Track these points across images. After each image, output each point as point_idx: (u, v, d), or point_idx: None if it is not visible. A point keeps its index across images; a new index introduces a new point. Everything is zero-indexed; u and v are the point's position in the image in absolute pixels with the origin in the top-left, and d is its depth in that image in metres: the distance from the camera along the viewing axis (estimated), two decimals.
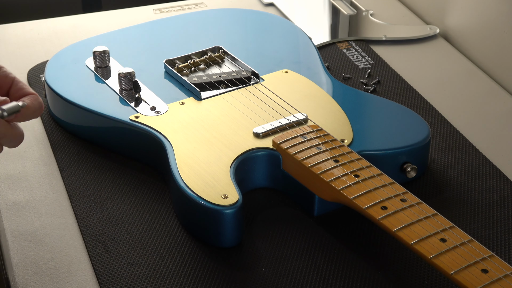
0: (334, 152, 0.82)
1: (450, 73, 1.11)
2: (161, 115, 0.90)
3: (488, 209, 0.85)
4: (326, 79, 0.99)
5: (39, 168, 0.91)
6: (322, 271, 0.76)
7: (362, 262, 0.77)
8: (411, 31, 1.20)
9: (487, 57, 1.13)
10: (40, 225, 0.83)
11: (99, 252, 0.79)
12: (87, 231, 0.82)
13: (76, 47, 1.05)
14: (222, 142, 0.86)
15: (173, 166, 0.82)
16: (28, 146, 0.94)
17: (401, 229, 0.72)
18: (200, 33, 1.09)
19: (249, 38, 1.09)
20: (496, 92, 1.07)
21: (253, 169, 0.85)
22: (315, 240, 0.80)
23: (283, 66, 1.00)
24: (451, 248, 0.69)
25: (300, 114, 0.89)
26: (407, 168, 0.86)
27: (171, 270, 0.76)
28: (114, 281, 0.75)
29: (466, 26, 1.17)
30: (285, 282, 0.75)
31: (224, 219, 0.77)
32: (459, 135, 0.96)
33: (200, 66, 1.00)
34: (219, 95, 0.94)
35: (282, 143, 0.84)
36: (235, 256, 0.78)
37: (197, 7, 1.28)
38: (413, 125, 0.90)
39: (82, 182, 0.88)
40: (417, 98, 1.03)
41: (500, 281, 0.66)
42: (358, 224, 0.82)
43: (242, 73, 0.98)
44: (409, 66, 1.12)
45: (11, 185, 0.88)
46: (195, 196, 0.78)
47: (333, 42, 1.17)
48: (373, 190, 0.77)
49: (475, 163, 0.91)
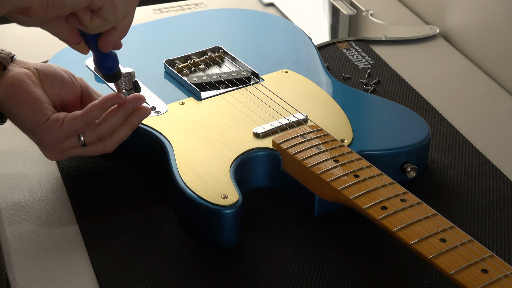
0: (334, 152, 0.82)
1: (450, 73, 1.11)
2: (161, 115, 0.90)
3: (488, 209, 0.85)
4: (326, 79, 0.99)
5: (39, 168, 0.91)
6: (322, 271, 0.76)
7: (362, 262, 0.77)
8: (411, 31, 1.20)
9: (487, 57, 1.13)
10: (40, 225, 0.83)
11: (99, 252, 0.79)
12: (87, 231, 0.82)
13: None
14: (222, 142, 0.86)
15: (173, 166, 0.82)
16: (28, 146, 0.94)
17: (401, 229, 0.72)
18: (200, 33, 1.09)
19: (249, 38, 1.09)
20: (496, 92, 1.07)
21: (253, 169, 0.85)
22: (315, 240, 0.80)
23: (283, 66, 1.00)
24: (451, 248, 0.69)
25: (300, 114, 0.89)
26: (407, 168, 0.86)
27: (171, 270, 0.76)
28: (114, 281, 0.75)
29: (466, 26, 1.17)
30: (285, 282, 0.75)
31: (224, 219, 0.77)
32: (459, 135, 0.96)
33: (200, 66, 1.00)
34: (219, 95, 0.94)
35: (282, 143, 0.84)
36: (235, 256, 0.78)
37: (197, 7, 1.28)
38: (413, 125, 0.90)
39: (82, 182, 0.88)
40: (417, 98, 1.03)
41: (500, 281, 0.66)
42: (358, 224, 0.82)
43: (242, 73, 0.98)
44: (409, 66, 1.12)
45: (11, 185, 0.88)
46: (195, 196, 0.78)
47: (333, 42, 1.17)
48: (373, 190, 0.77)
49: (475, 163, 0.91)
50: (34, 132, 0.79)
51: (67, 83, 0.82)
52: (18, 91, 0.78)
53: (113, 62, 0.77)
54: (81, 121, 0.78)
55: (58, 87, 0.82)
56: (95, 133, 0.79)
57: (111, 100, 0.79)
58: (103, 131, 0.79)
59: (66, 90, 0.82)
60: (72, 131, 0.78)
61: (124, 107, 0.79)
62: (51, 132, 0.77)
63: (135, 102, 0.80)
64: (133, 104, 0.80)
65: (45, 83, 0.81)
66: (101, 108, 0.78)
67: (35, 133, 0.79)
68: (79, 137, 0.79)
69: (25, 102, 0.78)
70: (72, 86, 0.83)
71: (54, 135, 0.77)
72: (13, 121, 0.80)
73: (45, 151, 0.81)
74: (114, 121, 0.79)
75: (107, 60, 0.76)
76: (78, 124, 0.78)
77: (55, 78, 0.82)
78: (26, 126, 0.78)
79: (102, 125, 0.79)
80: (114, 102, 0.79)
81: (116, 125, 0.79)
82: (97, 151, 0.81)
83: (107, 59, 0.76)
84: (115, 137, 0.80)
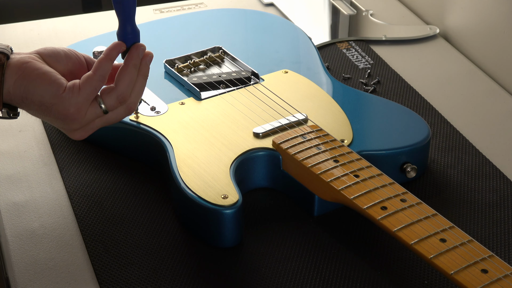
0: (334, 152, 0.82)
1: (450, 73, 1.11)
2: (161, 115, 0.90)
3: (488, 209, 0.85)
4: (326, 79, 0.99)
5: (39, 168, 0.91)
6: (322, 271, 0.76)
7: (362, 262, 0.77)
8: (411, 31, 1.20)
9: (487, 57, 1.13)
10: (40, 225, 0.83)
11: (99, 252, 0.79)
12: (87, 231, 0.82)
13: (76, 47, 1.05)
14: (222, 142, 0.86)
15: (173, 166, 0.82)
16: (28, 146, 0.94)
17: (401, 229, 0.72)
18: (200, 33, 1.09)
19: (249, 38, 1.09)
20: (496, 92, 1.07)
21: (253, 169, 0.85)
22: (315, 240, 0.80)
23: (283, 66, 1.00)
24: (451, 248, 0.69)
25: (300, 114, 0.89)
26: (407, 168, 0.86)
27: (171, 270, 0.76)
28: (114, 281, 0.75)
29: (466, 26, 1.17)
30: (285, 282, 0.75)
31: (224, 219, 0.77)
32: (459, 135, 0.96)
33: (200, 66, 1.00)
34: (219, 95, 0.94)
35: (282, 143, 0.84)
36: (235, 256, 0.78)
37: (197, 7, 1.28)
38: (413, 125, 0.90)
39: (82, 182, 0.88)
40: (417, 98, 1.03)
41: (500, 281, 0.66)
42: (358, 224, 0.82)
43: (242, 73, 0.98)
44: (409, 66, 1.12)
45: (11, 185, 0.89)
46: (195, 196, 0.78)
47: (333, 42, 1.17)
48: (373, 190, 0.77)
49: (475, 163, 0.91)
50: (56, 106, 0.77)
51: (71, 56, 0.82)
52: (28, 71, 0.77)
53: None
54: (95, 78, 0.77)
55: (64, 61, 0.81)
56: (114, 95, 0.78)
57: (114, 49, 0.79)
58: (121, 91, 0.78)
59: (72, 62, 0.82)
60: (91, 91, 0.77)
61: (131, 60, 0.79)
62: (72, 100, 0.76)
63: (138, 51, 0.80)
64: (137, 53, 0.80)
65: (50, 61, 0.80)
66: (108, 59, 0.78)
67: (58, 106, 0.77)
68: (100, 105, 0.78)
69: (39, 78, 0.77)
70: (76, 57, 0.82)
71: (76, 102, 0.77)
72: (30, 105, 0.78)
73: (70, 125, 0.79)
74: (128, 77, 0.79)
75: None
76: (94, 82, 0.77)
77: (58, 54, 0.81)
78: (46, 101, 0.77)
79: (119, 85, 0.78)
80: (118, 50, 0.79)
81: (131, 82, 0.79)
82: (121, 115, 0.80)
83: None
84: (133, 93, 0.80)
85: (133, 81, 0.79)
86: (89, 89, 0.77)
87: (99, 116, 0.79)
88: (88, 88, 0.77)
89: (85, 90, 0.77)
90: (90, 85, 0.77)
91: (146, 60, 0.80)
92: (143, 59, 0.80)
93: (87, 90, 0.77)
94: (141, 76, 0.80)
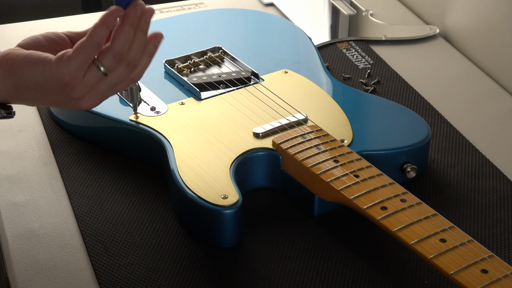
0: (334, 152, 0.82)
1: (450, 73, 1.11)
2: (161, 115, 0.90)
3: (488, 209, 0.85)
4: (326, 79, 0.99)
5: (39, 168, 0.91)
6: (322, 271, 0.76)
7: (362, 262, 0.77)
8: (411, 31, 1.20)
9: (487, 57, 1.13)
10: (40, 225, 0.83)
11: (99, 252, 0.79)
12: (87, 231, 0.82)
13: None
14: (222, 142, 0.86)
15: (173, 167, 0.82)
16: (28, 146, 0.94)
17: (401, 229, 0.72)
18: (200, 33, 1.09)
19: (249, 38, 1.09)
20: (496, 92, 1.07)
21: (253, 170, 0.85)
22: (315, 240, 0.80)
23: (283, 66, 1.00)
24: (451, 248, 0.69)
25: (300, 114, 0.89)
26: (407, 168, 0.86)
27: (171, 270, 0.77)
28: (114, 281, 0.75)
29: (466, 26, 1.17)
30: (285, 282, 0.75)
31: (224, 220, 0.77)
32: (459, 135, 0.96)
33: (200, 66, 1.00)
34: (219, 95, 0.94)
35: (282, 143, 0.84)
36: (235, 256, 0.78)
37: (197, 7, 1.28)
38: (413, 125, 0.90)
39: (82, 182, 0.88)
40: (417, 98, 1.03)
41: (500, 281, 0.66)
42: (358, 224, 0.82)
43: (242, 73, 0.98)
44: (409, 66, 1.12)
45: (11, 185, 0.89)
46: (195, 196, 0.78)
47: (333, 42, 1.17)
48: (373, 190, 0.77)
49: (475, 163, 0.91)
50: (50, 80, 0.74)
51: (50, 37, 0.77)
52: (10, 61, 0.74)
53: None
54: (89, 45, 0.73)
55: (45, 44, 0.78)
56: (110, 54, 0.74)
57: (112, 14, 0.74)
58: (117, 48, 0.74)
59: (53, 42, 0.78)
60: (84, 58, 0.73)
61: (127, 18, 0.74)
62: (63, 69, 0.73)
63: (136, 9, 0.74)
64: (135, 11, 0.74)
65: (31, 48, 0.75)
66: (104, 25, 0.73)
67: (52, 80, 0.74)
68: (98, 67, 0.74)
69: (23, 62, 0.74)
70: (55, 36, 0.79)
71: (68, 70, 0.73)
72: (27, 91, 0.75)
73: (71, 94, 0.75)
74: (124, 34, 0.74)
75: None
76: (87, 48, 0.73)
77: (37, 39, 0.76)
78: (39, 80, 0.74)
79: (114, 43, 0.74)
80: (115, 15, 0.74)
81: (127, 39, 0.74)
82: (123, 74, 0.75)
83: None
84: (132, 49, 0.75)
85: (129, 39, 0.74)
86: (81, 56, 0.73)
87: (100, 80, 0.74)
88: (81, 55, 0.73)
89: (77, 57, 0.73)
90: (83, 52, 0.73)
91: (146, 16, 0.75)
92: (142, 15, 0.75)
93: (79, 57, 0.73)
94: (140, 31, 0.75)
